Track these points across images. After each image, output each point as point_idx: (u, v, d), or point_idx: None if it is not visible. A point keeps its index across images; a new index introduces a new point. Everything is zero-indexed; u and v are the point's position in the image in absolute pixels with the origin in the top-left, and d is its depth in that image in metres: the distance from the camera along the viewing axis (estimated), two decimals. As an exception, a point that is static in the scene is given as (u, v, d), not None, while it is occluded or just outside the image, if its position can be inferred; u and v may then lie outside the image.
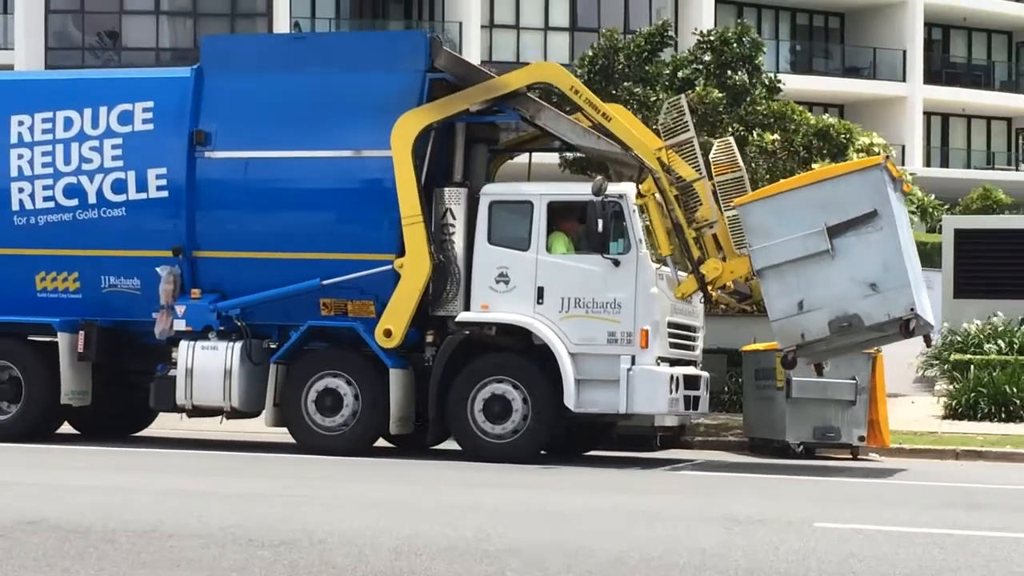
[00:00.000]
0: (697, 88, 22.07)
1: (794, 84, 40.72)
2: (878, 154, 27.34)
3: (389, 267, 15.73)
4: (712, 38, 22.97)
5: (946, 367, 22.38)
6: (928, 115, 54.59)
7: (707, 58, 22.92)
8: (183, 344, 16.26)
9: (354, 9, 47.35)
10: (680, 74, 22.97)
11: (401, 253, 15.78)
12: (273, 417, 16.20)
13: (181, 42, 43.81)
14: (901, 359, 16.31)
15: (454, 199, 15.93)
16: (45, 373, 16.79)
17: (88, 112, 16.83)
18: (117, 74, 18.97)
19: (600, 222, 15.06)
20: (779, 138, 22.12)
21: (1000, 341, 22.73)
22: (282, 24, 44.81)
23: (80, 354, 16.71)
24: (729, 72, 22.65)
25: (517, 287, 15.51)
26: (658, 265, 15.47)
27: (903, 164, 46.44)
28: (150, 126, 16.67)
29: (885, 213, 14.71)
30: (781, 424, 17.12)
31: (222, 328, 16.29)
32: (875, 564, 8.57)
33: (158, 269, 16.43)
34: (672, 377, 15.26)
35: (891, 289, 14.69)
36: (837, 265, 14.75)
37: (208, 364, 16.12)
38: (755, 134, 21.83)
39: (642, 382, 15.06)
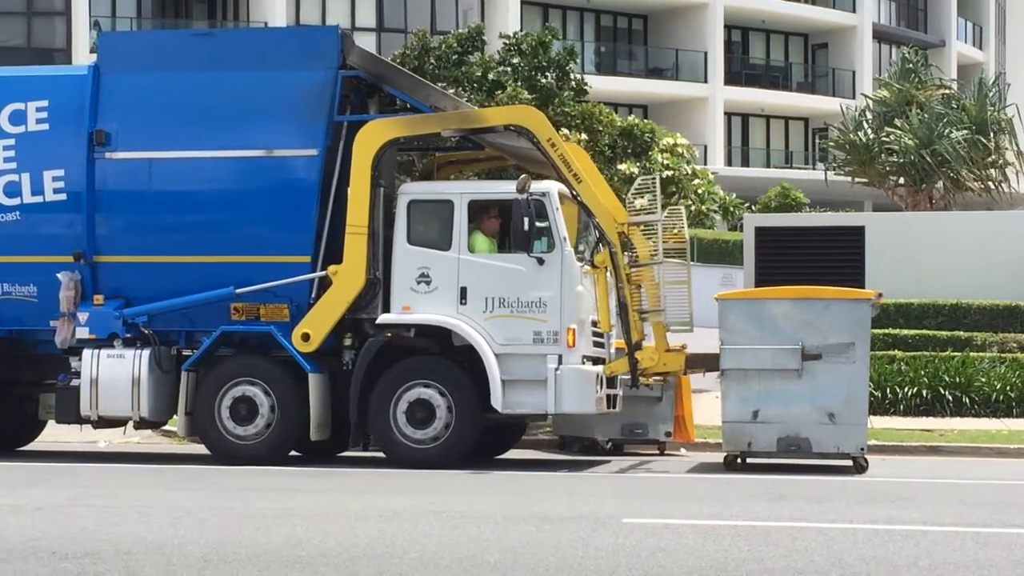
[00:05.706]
0: (507, 90, 22.29)
1: (599, 85, 41.26)
2: (681, 154, 28.04)
3: (321, 274, 15.28)
4: (524, 43, 23.24)
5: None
6: (729, 115, 55.87)
7: (515, 61, 23.16)
8: (87, 353, 15.60)
9: (156, 9, 46.52)
10: (490, 76, 23.17)
11: (315, 254, 15.41)
12: (186, 427, 15.73)
13: (-24, 41, 42.57)
14: (706, 355, 16.59)
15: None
16: None
17: None
18: (6, 72, 17.92)
19: (525, 220, 14.75)
20: (586, 138, 22.53)
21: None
22: (82, 24, 43.83)
23: None
24: (539, 75, 22.97)
25: (439, 288, 15.18)
26: (582, 263, 15.35)
27: (705, 163, 47.52)
28: (45, 126, 15.98)
29: (861, 348, 14.94)
30: (590, 421, 17.31)
31: (128, 335, 15.69)
32: (683, 557, 8.75)
33: (59, 275, 15.73)
34: (598, 376, 15.12)
35: (847, 424, 14.90)
36: (801, 385, 14.90)
37: (115, 373, 15.49)
38: (563, 134, 22.11)
39: (570, 381, 14.84)
